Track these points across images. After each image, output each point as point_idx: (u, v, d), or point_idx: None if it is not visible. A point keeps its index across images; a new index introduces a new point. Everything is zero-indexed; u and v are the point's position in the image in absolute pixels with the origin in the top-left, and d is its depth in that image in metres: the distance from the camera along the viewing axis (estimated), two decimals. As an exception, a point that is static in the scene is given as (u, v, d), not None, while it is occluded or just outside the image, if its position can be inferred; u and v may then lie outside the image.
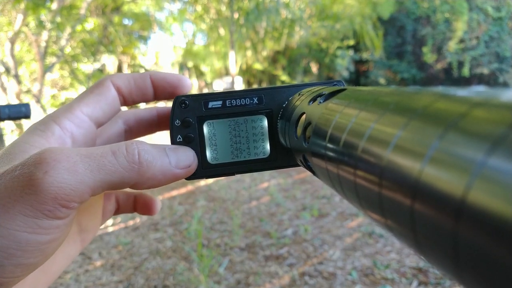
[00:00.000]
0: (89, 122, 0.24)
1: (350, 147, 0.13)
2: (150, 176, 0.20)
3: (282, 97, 0.26)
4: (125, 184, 0.20)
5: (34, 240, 0.17)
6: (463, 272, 0.08)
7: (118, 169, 0.19)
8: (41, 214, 0.17)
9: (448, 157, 0.08)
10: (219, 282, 1.60)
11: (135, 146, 0.20)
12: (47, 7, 4.28)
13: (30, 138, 0.21)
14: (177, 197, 2.83)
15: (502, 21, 8.22)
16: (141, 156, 0.20)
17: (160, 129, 0.30)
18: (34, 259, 0.18)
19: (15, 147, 0.21)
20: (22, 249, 0.17)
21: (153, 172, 0.20)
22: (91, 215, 0.28)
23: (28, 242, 0.17)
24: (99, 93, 0.24)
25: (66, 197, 0.17)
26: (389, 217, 0.10)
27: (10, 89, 4.13)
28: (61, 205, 0.17)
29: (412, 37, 9.02)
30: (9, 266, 0.17)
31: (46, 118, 0.23)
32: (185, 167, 0.22)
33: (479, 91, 0.09)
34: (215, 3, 7.68)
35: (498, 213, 0.06)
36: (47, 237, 0.18)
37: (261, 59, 8.95)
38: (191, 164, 0.23)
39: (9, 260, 0.17)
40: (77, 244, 0.28)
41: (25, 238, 0.17)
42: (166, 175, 0.21)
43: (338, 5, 7.94)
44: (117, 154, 0.19)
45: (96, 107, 0.24)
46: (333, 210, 2.31)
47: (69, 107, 0.23)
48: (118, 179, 0.19)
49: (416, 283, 1.47)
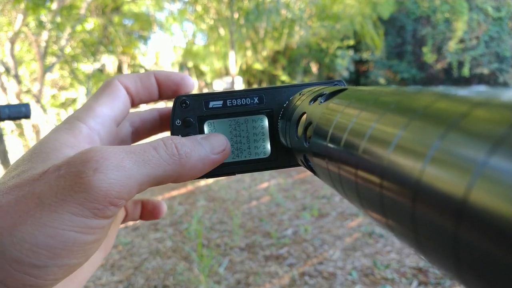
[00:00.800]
0: (110, 121, 0.24)
1: (351, 147, 0.13)
2: (191, 166, 0.21)
3: (283, 97, 0.26)
4: (169, 178, 0.20)
5: (81, 240, 0.17)
6: (464, 272, 0.08)
7: (161, 163, 0.19)
8: (90, 213, 0.17)
9: (449, 157, 0.08)
10: (219, 282, 1.60)
11: (171, 140, 0.21)
12: (47, 7, 4.27)
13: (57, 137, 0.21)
14: (177, 197, 2.83)
15: (502, 21, 8.22)
16: (179, 149, 0.20)
17: (162, 130, 0.29)
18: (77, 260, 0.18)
19: (45, 146, 0.20)
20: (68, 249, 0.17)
21: (193, 161, 0.21)
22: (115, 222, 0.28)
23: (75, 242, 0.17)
24: (111, 92, 0.24)
25: (116, 194, 0.17)
26: (390, 217, 0.10)
27: (10, 89, 4.13)
28: (111, 203, 0.17)
29: (412, 37, 9.02)
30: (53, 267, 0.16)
31: (69, 118, 0.23)
32: (220, 151, 0.23)
33: (479, 91, 0.09)
34: (215, 3, 7.67)
35: (499, 213, 0.06)
36: (92, 237, 0.18)
37: (261, 59, 8.95)
38: (225, 147, 0.23)
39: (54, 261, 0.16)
40: (102, 252, 0.28)
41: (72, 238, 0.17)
42: (205, 162, 0.22)
43: (338, 5, 7.94)
44: (158, 149, 0.20)
45: (113, 106, 0.24)
46: (333, 210, 2.31)
47: (89, 107, 0.23)
48: (162, 172, 0.19)
49: (416, 283, 1.47)
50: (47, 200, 0.16)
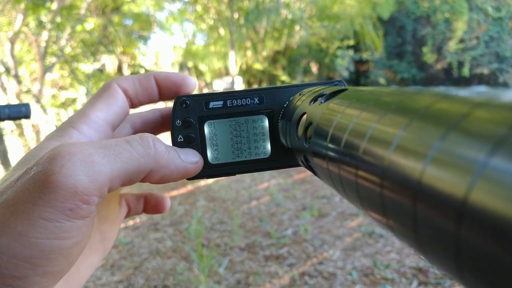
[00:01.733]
0: (105, 126, 0.23)
1: (352, 148, 0.13)
2: (165, 164, 0.20)
3: (283, 97, 0.26)
4: (141, 173, 0.20)
5: (57, 246, 0.16)
6: (465, 273, 0.08)
7: (134, 156, 0.19)
8: (62, 215, 0.16)
9: (449, 157, 0.08)
10: (219, 282, 1.60)
11: (148, 135, 0.20)
12: (47, 7, 4.27)
13: (46, 144, 0.21)
14: (177, 197, 2.83)
15: (502, 21, 8.22)
16: (155, 144, 0.20)
17: (164, 130, 0.29)
18: (59, 266, 0.17)
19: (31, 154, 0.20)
20: (46, 257, 0.16)
21: (167, 160, 0.21)
22: (110, 222, 0.28)
23: (51, 249, 0.16)
24: (108, 96, 0.24)
25: (85, 191, 0.17)
26: (391, 217, 0.10)
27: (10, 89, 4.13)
28: (82, 201, 0.17)
29: (412, 37, 9.02)
30: (34, 277, 0.16)
31: (62, 124, 0.22)
32: (194, 162, 0.23)
33: (480, 92, 0.09)
34: (215, 3, 7.67)
35: (500, 214, 0.06)
36: (69, 242, 0.17)
37: (261, 59, 8.94)
38: (198, 161, 0.24)
39: (34, 271, 0.16)
40: (99, 253, 0.28)
41: (48, 245, 0.16)
42: (178, 167, 0.22)
43: (338, 5, 7.94)
44: (131, 143, 0.19)
45: (109, 110, 0.24)
46: (333, 210, 2.31)
47: (83, 113, 0.23)
48: (134, 167, 0.19)
49: (416, 283, 1.47)
50: (21, 207, 0.16)
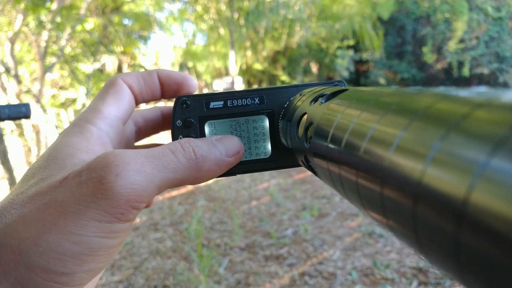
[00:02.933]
0: (117, 122, 0.24)
1: (352, 148, 0.13)
2: (207, 169, 0.21)
3: (283, 97, 0.26)
4: (186, 181, 0.20)
5: (106, 244, 0.17)
6: (465, 273, 0.08)
7: (179, 167, 0.20)
8: (114, 218, 0.17)
9: (450, 158, 0.08)
10: (219, 282, 1.59)
11: (188, 144, 0.21)
12: (47, 7, 4.27)
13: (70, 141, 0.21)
14: (177, 197, 2.83)
15: (502, 21, 8.21)
16: (196, 152, 0.21)
17: (165, 128, 0.29)
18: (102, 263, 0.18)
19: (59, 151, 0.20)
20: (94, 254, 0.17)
21: (209, 164, 0.21)
22: None
23: (100, 246, 0.17)
24: (115, 92, 0.24)
25: (138, 198, 0.17)
26: (391, 218, 0.10)
27: (10, 89, 4.13)
28: (133, 207, 0.17)
29: (412, 37, 9.01)
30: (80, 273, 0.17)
31: (77, 121, 0.22)
32: (234, 154, 0.23)
33: (480, 92, 0.09)
34: (215, 3, 7.67)
35: (500, 214, 0.06)
36: (116, 241, 0.18)
37: (261, 59, 8.94)
38: (239, 150, 0.24)
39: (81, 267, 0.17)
40: None
41: (98, 243, 0.17)
42: (220, 165, 0.22)
43: (338, 5, 7.94)
44: (176, 153, 0.20)
45: (119, 106, 0.24)
46: (333, 210, 2.31)
47: (95, 108, 0.23)
48: (180, 176, 0.20)
49: (416, 283, 1.47)
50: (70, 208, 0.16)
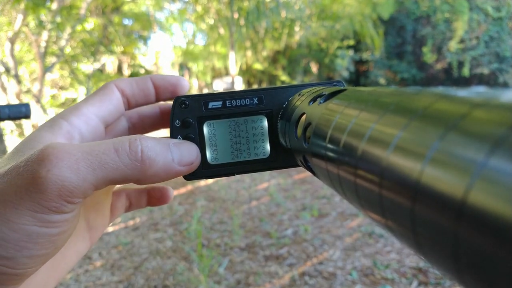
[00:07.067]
0: (96, 120, 0.24)
1: (351, 148, 0.13)
2: (153, 174, 0.20)
3: (282, 97, 0.26)
4: (127, 181, 0.20)
5: (44, 232, 0.18)
6: (463, 273, 0.08)
7: (120, 167, 0.19)
8: (48, 210, 0.17)
9: (448, 158, 0.08)
10: (219, 282, 1.59)
11: (139, 142, 0.20)
12: (47, 7, 4.27)
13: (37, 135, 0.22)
14: (177, 197, 2.83)
15: (502, 21, 8.22)
16: (144, 154, 0.19)
17: (164, 126, 0.30)
18: (45, 250, 0.18)
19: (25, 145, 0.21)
20: (33, 242, 0.17)
21: (156, 169, 0.20)
22: (98, 212, 0.28)
23: (38, 235, 0.17)
24: (103, 94, 0.25)
25: (70, 194, 0.18)
26: (390, 218, 0.10)
27: (10, 89, 4.13)
28: (66, 201, 0.18)
29: (412, 37, 9.01)
30: (21, 258, 0.17)
31: (54, 116, 0.23)
32: (187, 164, 0.22)
33: (479, 92, 0.09)
34: (215, 3, 7.67)
35: (499, 214, 0.06)
36: (56, 230, 0.18)
37: (261, 59, 8.94)
38: (193, 161, 0.23)
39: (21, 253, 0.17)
40: (86, 241, 0.28)
41: (36, 231, 0.17)
42: (168, 172, 0.21)
43: (338, 5, 7.94)
44: (119, 152, 0.19)
45: (101, 106, 0.24)
46: (333, 210, 2.31)
47: (75, 106, 0.24)
48: (120, 176, 0.19)
49: (416, 283, 1.47)
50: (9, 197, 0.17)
